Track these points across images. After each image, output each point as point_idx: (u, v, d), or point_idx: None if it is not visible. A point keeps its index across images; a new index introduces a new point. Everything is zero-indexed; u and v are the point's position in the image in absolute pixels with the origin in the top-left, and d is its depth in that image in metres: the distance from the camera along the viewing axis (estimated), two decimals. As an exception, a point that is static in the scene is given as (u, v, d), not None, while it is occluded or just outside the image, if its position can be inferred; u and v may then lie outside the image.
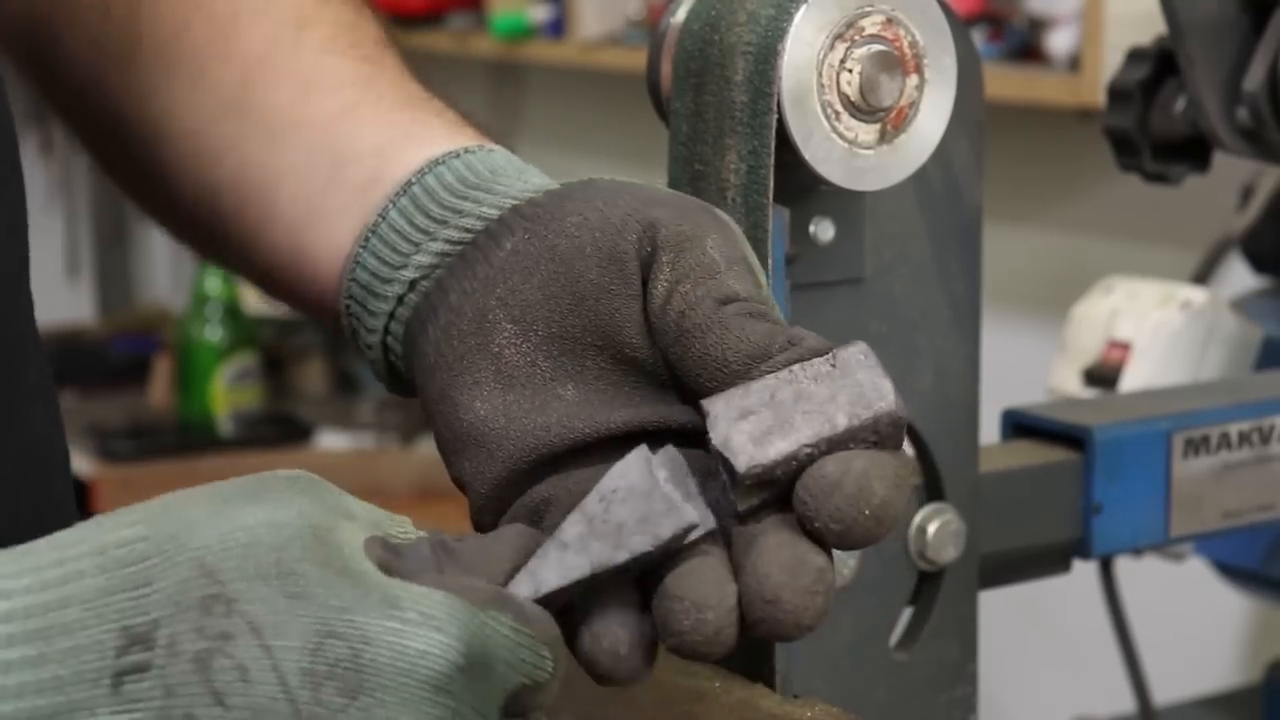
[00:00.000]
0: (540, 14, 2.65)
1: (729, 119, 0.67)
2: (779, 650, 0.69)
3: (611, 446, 0.61)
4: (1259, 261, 1.29)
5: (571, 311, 0.62)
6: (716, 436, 0.56)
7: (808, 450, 0.56)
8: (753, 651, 0.70)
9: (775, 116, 0.66)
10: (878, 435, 0.56)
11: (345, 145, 0.70)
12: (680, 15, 0.70)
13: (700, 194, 0.69)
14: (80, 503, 0.67)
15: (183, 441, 2.79)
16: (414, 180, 0.67)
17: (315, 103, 0.71)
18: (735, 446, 0.56)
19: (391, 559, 0.54)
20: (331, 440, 2.71)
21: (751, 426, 0.56)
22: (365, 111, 0.71)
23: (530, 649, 0.54)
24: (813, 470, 0.56)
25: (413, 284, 0.66)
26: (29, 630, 0.50)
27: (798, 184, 0.68)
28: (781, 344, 0.59)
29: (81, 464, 2.77)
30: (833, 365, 0.57)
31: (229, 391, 2.83)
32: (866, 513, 0.55)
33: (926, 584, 0.77)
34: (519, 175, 0.67)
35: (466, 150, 0.68)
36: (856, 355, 0.57)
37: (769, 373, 0.58)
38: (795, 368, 0.57)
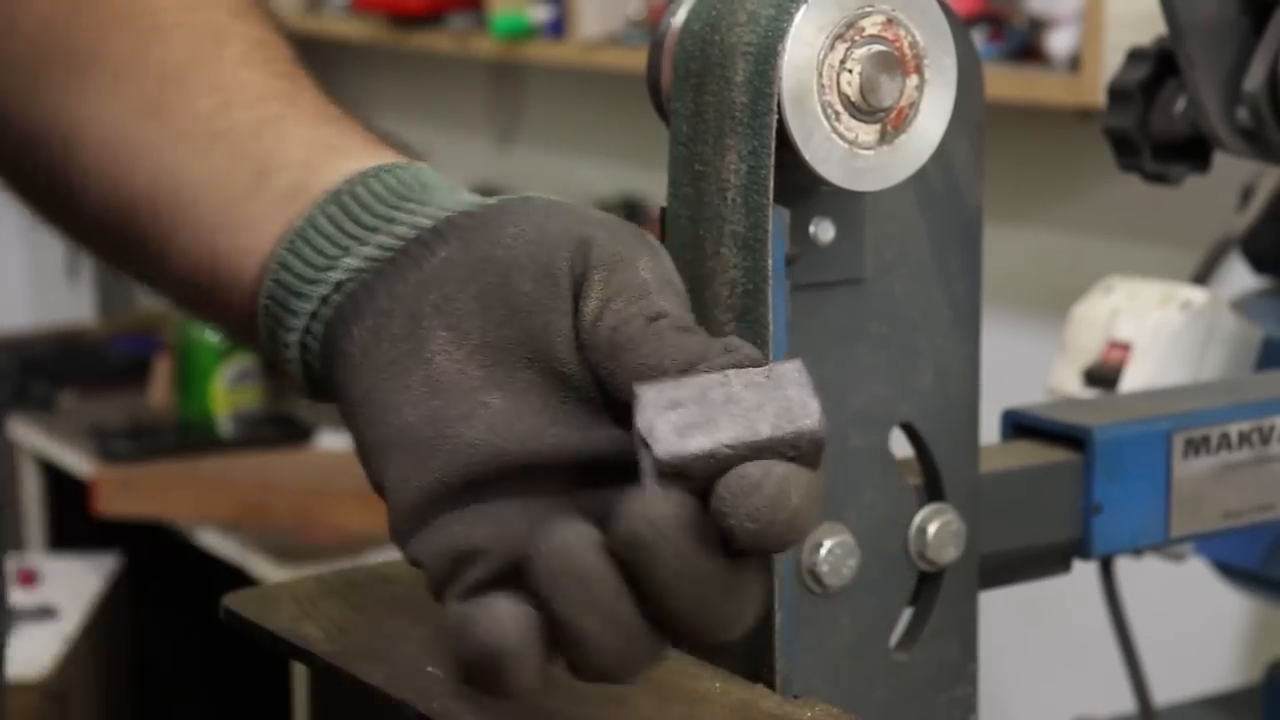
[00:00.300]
0: (540, 14, 2.65)
1: (729, 119, 0.67)
2: (779, 651, 0.69)
3: (541, 476, 0.62)
4: (1259, 262, 1.29)
5: (505, 322, 0.63)
6: (642, 421, 0.58)
7: (727, 451, 0.57)
8: (753, 652, 0.70)
9: (775, 117, 0.66)
10: (797, 451, 0.58)
11: (269, 155, 0.70)
12: (680, 15, 0.70)
13: (700, 194, 0.69)
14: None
15: (183, 442, 2.78)
16: (344, 189, 0.67)
17: (236, 113, 0.71)
18: (658, 434, 0.58)
19: None
20: (331, 441, 2.71)
21: (678, 418, 0.58)
22: (288, 125, 0.71)
23: None
24: (734, 471, 0.57)
25: (339, 285, 0.66)
26: None
27: (798, 184, 0.68)
28: (718, 350, 0.60)
29: (81, 464, 2.77)
30: (767, 376, 0.59)
31: (229, 392, 2.83)
32: (782, 517, 0.57)
33: (927, 584, 0.77)
34: (450, 191, 0.68)
35: (397, 165, 0.69)
36: (791, 371, 0.59)
37: (705, 372, 0.59)
38: (731, 372, 0.59)
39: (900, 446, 0.76)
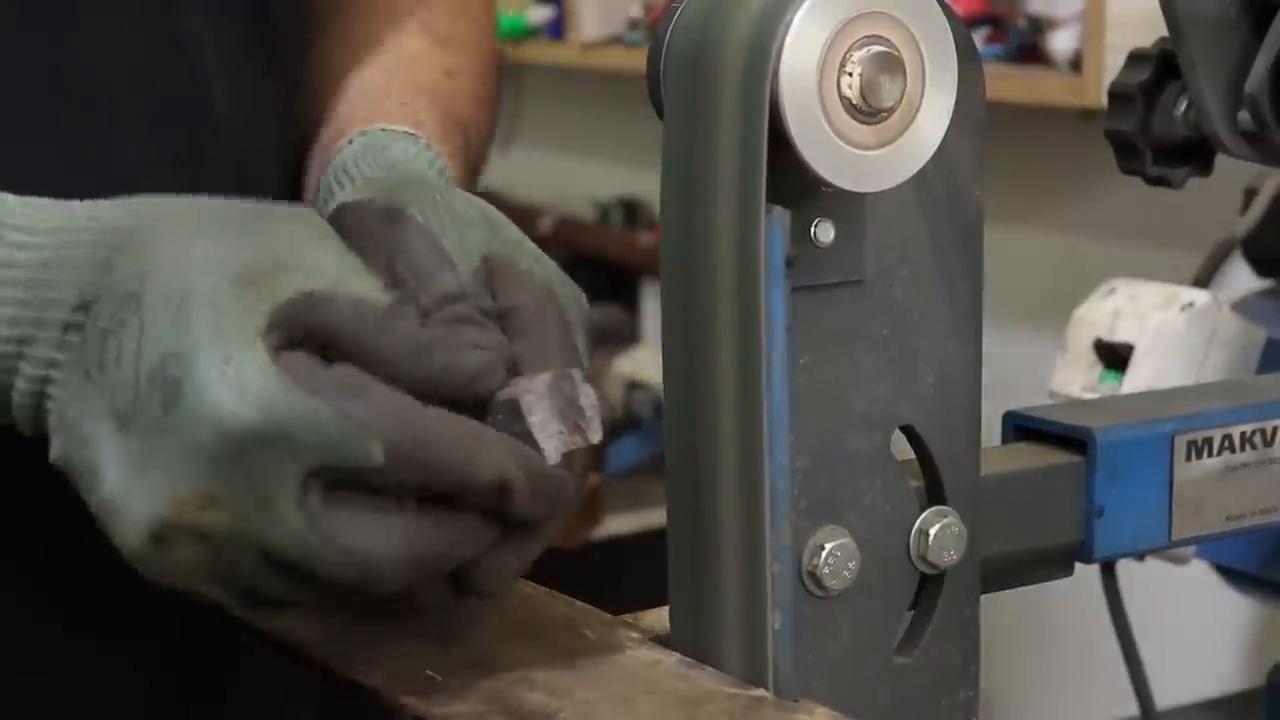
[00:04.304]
0: (540, 14, 2.66)
1: (723, 119, 0.67)
2: (779, 654, 0.69)
3: None
4: (1261, 263, 1.29)
5: None
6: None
7: None
8: (753, 655, 0.70)
9: (768, 117, 0.66)
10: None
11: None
12: (680, 15, 0.70)
13: (692, 194, 0.69)
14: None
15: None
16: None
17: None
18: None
19: (319, 330, 0.66)
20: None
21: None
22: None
23: (347, 437, 0.64)
24: None
25: None
26: (30, 277, 0.68)
27: (798, 185, 0.68)
28: None
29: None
30: None
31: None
32: None
33: (928, 587, 0.77)
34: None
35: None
36: None
37: None
38: None
39: (901, 449, 0.76)
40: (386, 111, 0.90)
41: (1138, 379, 1.10)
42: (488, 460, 0.67)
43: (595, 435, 0.70)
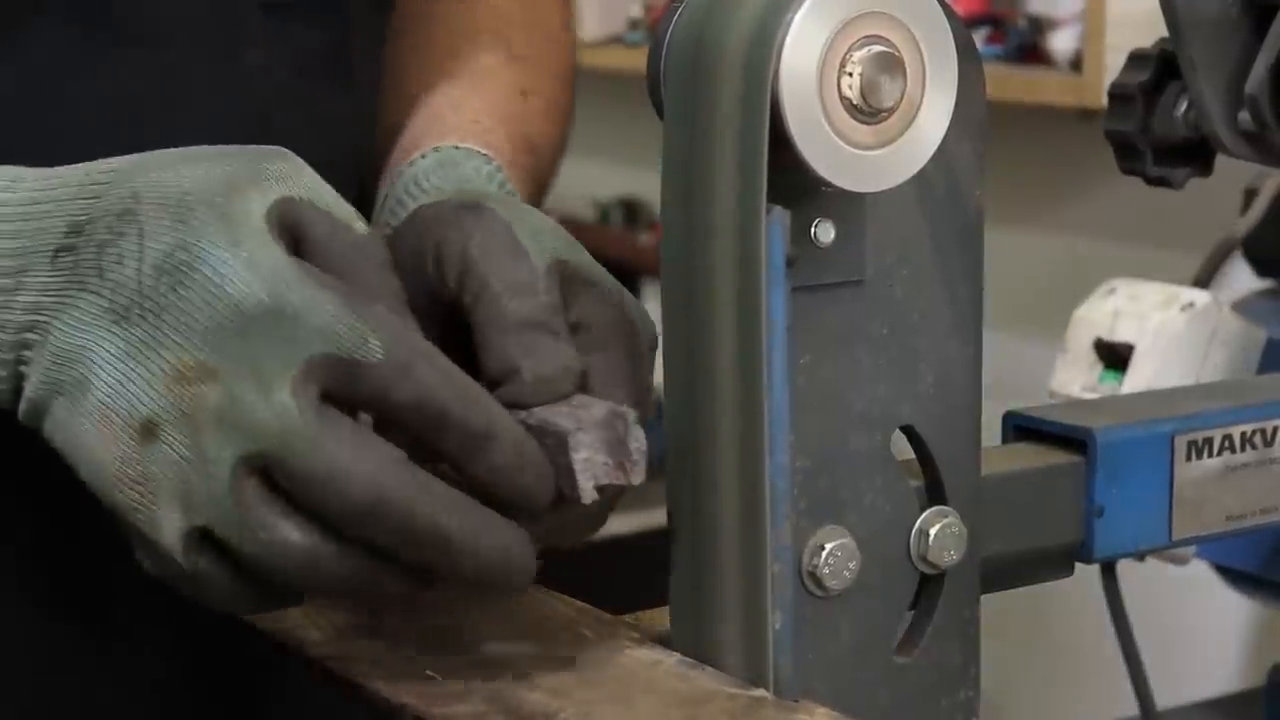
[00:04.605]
0: (541, 15, 2.65)
1: (723, 120, 0.67)
2: (780, 654, 0.69)
3: None
4: (1261, 263, 1.29)
5: None
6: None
7: None
8: (753, 655, 0.70)
9: (769, 117, 0.66)
10: None
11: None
12: (680, 15, 0.70)
13: (692, 194, 0.69)
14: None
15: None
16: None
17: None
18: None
19: (295, 228, 0.68)
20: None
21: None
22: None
23: (350, 327, 0.65)
24: None
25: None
26: (20, 211, 0.69)
27: (798, 185, 0.68)
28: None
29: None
30: None
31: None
32: None
33: (928, 587, 0.77)
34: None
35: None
36: None
37: None
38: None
39: (901, 449, 0.76)
40: (458, 128, 0.90)
41: (1138, 379, 1.10)
42: (480, 403, 0.67)
43: (637, 479, 0.69)
